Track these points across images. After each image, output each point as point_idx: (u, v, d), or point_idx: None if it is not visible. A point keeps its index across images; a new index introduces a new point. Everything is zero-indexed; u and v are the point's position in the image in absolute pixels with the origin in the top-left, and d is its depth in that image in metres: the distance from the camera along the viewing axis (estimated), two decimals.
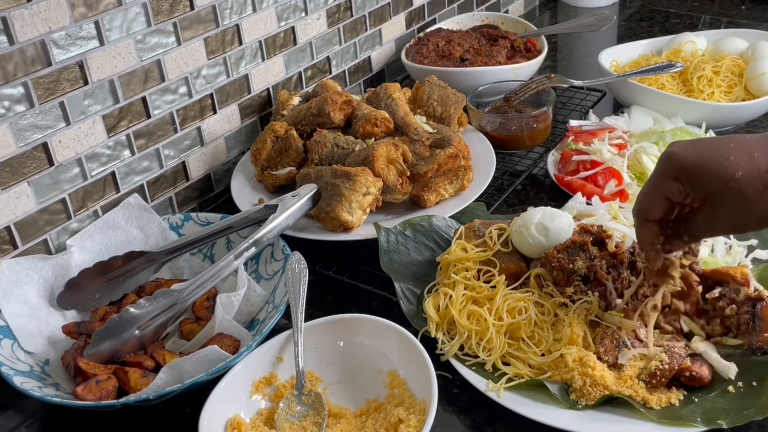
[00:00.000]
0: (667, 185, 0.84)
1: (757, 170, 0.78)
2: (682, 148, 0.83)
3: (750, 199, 0.79)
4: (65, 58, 1.09)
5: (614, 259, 1.01)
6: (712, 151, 0.81)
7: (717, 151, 0.80)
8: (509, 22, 1.80)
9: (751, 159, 0.79)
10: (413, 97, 1.41)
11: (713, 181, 0.80)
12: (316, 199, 1.16)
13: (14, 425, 0.99)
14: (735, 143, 0.81)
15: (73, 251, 1.13)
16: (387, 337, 0.97)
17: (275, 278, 1.11)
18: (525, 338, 0.96)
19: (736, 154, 0.79)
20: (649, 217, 0.87)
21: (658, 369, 0.90)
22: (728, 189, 0.80)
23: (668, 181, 0.83)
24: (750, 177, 0.78)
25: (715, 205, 0.82)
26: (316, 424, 0.92)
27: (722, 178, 0.79)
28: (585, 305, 0.98)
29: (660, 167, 0.84)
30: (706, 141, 0.83)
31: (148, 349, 1.01)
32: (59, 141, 1.12)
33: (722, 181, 0.80)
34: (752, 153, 0.79)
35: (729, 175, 0.79)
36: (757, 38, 1.57)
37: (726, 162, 0.79)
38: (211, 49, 1.30)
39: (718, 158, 0.80)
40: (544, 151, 1.42)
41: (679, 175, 0.82)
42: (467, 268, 1.05)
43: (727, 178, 0.79)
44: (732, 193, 0.80)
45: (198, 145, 1.34)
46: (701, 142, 0.83)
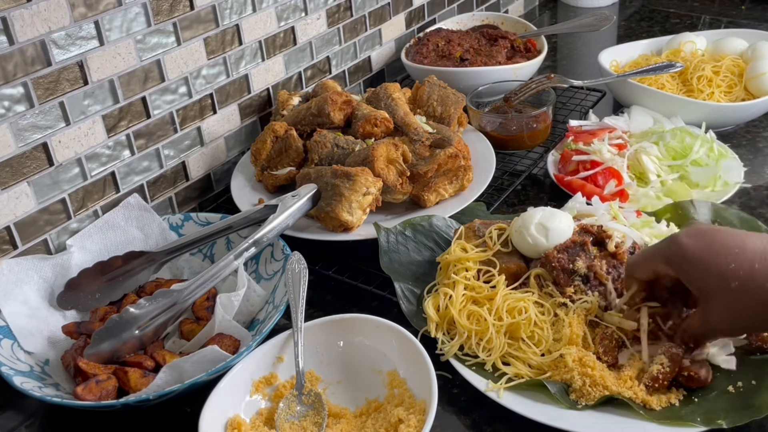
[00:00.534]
0: (659, 264, 0.88)
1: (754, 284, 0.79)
2: (687, 237, 0.85)
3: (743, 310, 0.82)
4: (65, 58, 1.09)
5: (614, 259, 1.01)
6: (714, 249, 0.82)
7: (719, 252, 0.82)
8: (509, 22, 1.80)
9: (751, 271, 0.80)
10: (413, 97, 1.41)
11: (709, 283, 0.83)
12: (316, 199, 1.16)
13: (14, 425, 0.99)
14: (740, 248, 0.81)
15: (73, 251, 1.13)
16: (387, 337, 0.97)
17: (275, 278, 1.11)
18: (525, 338, 0.96)
19: (737, 262, 0.80)
20: (633, 273, 0.93)
21: (659, 372, 0.89)
22: (722, 295, 0.82)
23: (664, 265, 0.87)
24: (745, 289, 0.80)
25: (708, 306, 0.85)
26: (316, 424, 0.92)
27: (718, 283, 0.82)
28: (585, 305, 0.98)
29: (662, 247, 0.88)
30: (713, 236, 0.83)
31: (148, 349, 1.01)
32: (59, 141, 1.12)
33: (717, 286, 0.82)
34: (753, 264, 0.80)
35: (725, 283, 0.81)
36: (757, 38, 1.57)
37: (725, 268, 0.81)
38: (211, 49, 1.30)
39: (719, 261, 0.81)
40: (544, 151, 1.42)
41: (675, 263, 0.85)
42: (467, 268, 1.05)
43: (723, 286, 0.81)
44: (726, 300, 0.82)
45: (198, 145, 1.34)
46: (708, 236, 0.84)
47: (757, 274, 0.79)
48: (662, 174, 1.30)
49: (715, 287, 0.82)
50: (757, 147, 1.42)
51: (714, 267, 0.81)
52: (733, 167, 1.31)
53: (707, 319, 0.86)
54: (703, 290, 0.84)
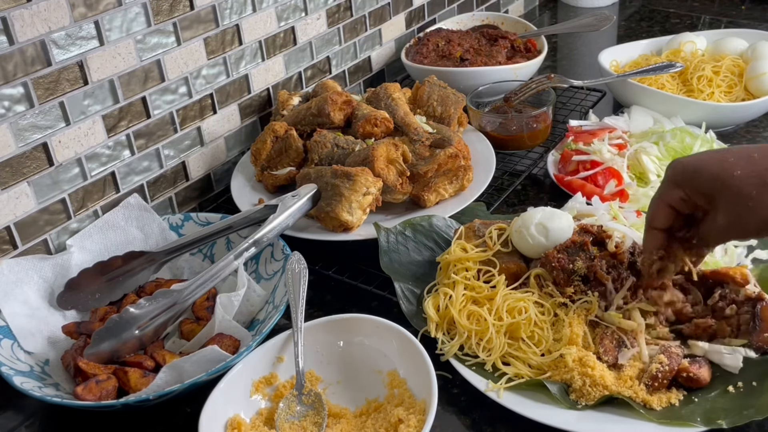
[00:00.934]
0: (669, 192, 0.86)
1: (756, 169, 0.80)
2: (685, 157, 0.86)
3: (749, 197, 0.80)
4: (65, 58, 1.09)
5: (614, 259, 1.01)
6: (712, 156, 0.84)
7: (716, 155, 0.83)
8: (509, 22, 1.80)
9: (750, 159, 0.81)
10: (413, 97, 1.41)
11: (712, 180, 0.82)
12: (316, 199, 1.16)
13: (14, 425, 0.99)
14: (737, 148, 0.83)
15: (73, 251, 1.13)
16: (387, 337, 0.97)
17: (275, 278, 1.11)
18: (525, 338, 0.96)
19: (735, 156, 0.82)
20: (654, 224, 0.90)
21: (659, 371, 0.89)
22: (727, 188, 0.81)
23: (671, 189, 0.86)
24: (748, 175, 0.80)
25: (716, 206, 0.84)
26: (316, 424, 0.92)
27: (720, 177, 0.81)
28: (585, 305, 0.98)
29: (665, 176, 0.88)
30: (708, 150, 0.86)
31: (148, 349, 1.01)
32: (59, 141, 1.12)
33: (720, 179, 0.81)
34: (751, 154, 0.81)
35: (728, 173, 0.81)
36: (757, 38, 1.57)
37: (725, 163, 0.81)
38: (211, 49, 1.30)
39: (718, 160, 0.82)
40: (544, 151, 1.42)
41: (680, 181, 0.85)
42: (467, 268, 1.05)
43: (726, 176, 0.81)
44: (731, 191, 0.81)
45: (198, 145, 1.34)
46: (704, 152, 0.86)
47: (757, 160, 0.80)
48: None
49: (719, 183, 0.82)
50: None
51: (716, 164, 0.82)
52: None
53: (716, 218, 0.84)
54: (709, 191, 0.84)
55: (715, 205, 0.84)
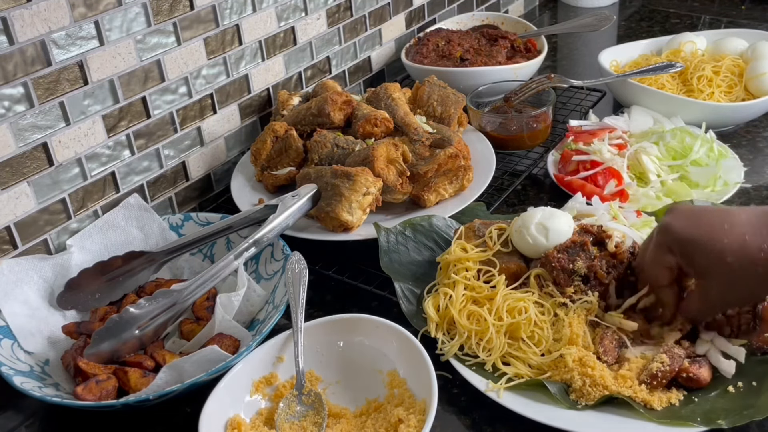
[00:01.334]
0: (664, 258, 0.90)
1: (749, 255, 0.83)
2: (677, 222, 0.88)
3: (739, 283, 0.85)
4: (65, 58, 1.09)
5: (614, 259, 1.01)
6: (704, 228, 0.86)
7: (710, 230, 0.85)
8: (509, 22, 1.80)
9: (743, 244, 0.83)
10: (413, 97, 1.41)
11: (706, 260, 0.86)
12: (316, 199, 1.16)
13: (14, 425, 0.99)
14: (729, 223, 0.85)
15: (73, 251, 1.13)
16: (387, 337, 0.97)
17: (275, 278, 1.11)
18: (525, 338, 0.96)
19: (729, 237, 0.84)
20: (660, 284, 0.94)
21: (659, 370, 0.90)
22: (719, 271, 0.85)
23: (665, 254, 0.90)
24: (741, 261, 0.83)
25: (707, 281, 0.88)
26: (316, 424, 0.92)
27: (713, 261, 0.85)
28: (585, 305, 0.98)
29: (656, 239, 0.91)
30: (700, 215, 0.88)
31: (148, 349, 1.01)
32: (59, 141, 1.12)
33: (713, 263, 0.85)
34: (744, 236, 0.83)
35: (720, 258, 0.84)
36: (757, 38, 1.57)
37: (718, 244, 0.84)
38: (211, 49, 1.30)
39: (711, 238, 0.85)
40: (544, 151, 1.42)
41: (674, 249, 0.88)
42: (467, 268, 1.05)
43: (718, 261, 0.84)
44: (722, 275, 0.85)
45: (198, 145, 1.34)
46: (695, 216, 0.88)
47: (749, 245, 0.83)
48: (662, 174, 1.30)
49: (713, 264, 0.85)
50: (757, 147, 1.42)
51: (710, 245, 0.85)
52: (733, 167, 1.31)
53: (707, 294, 0.89)
54: (702, 268, 0.87)
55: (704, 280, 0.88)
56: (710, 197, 1.24)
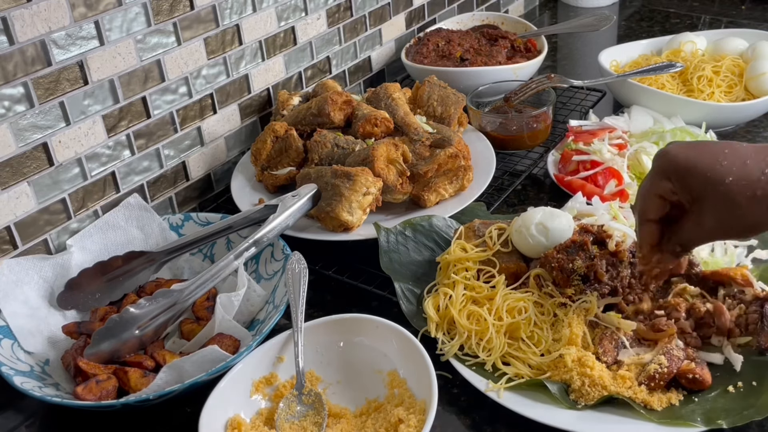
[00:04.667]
0: (659, 184, 0.85)
1: (748, 177, 0.78)
2: (676, 148, 0.83)
3: (738, 206, 0.79)
4: (65, 58, 1.09)
5: (614, 258, 1.01)
6: (705, 153, 0.81)
7: (710, 155, 0.81)
8: (509, 22, 1.80)
9: (744, 166, 0.79)
10: (413, 97, 1.41)
11: (703, 184, 0.81)
12: (316, 199, 1.16)
13: (14, 425, 0.99)
14: (730, 149, 0.81)
15: (73, 251, 1.13)
16: (387, 337, 0.97)
17: (275, 278, 1.11)
18: (525, 338, 0.96)
19: (729, 160, 0.80)
20: (646, 216, 0.88)
21: (656, 372, 0.90)
22: (717, 193, 0.80)
23: (660, 180, 0.84)
24: (740, 184, 0.78)
25: (702, 208, 0.82)
26: (316, 424, 0.92)
27: (712, 182, 0.80)
28: (584, 305, 0.98)
29: (653, 165, 0.86)
30: (702, 144, 0.83)
31: (148, 349, 1.01)
32: (59, 141, 1.12)
33: (711, 184, 0.80)
34: (745, 160, 0.79)
35: (719, 179, 0.79)
36: (757, 38, 1.57)
37: (718, 166, 0.80)
38: (211, 49, 1.30)
39: (711, 161, 0.80)
40: (544, 151, 1.42)
41: (670, 174, 0.83)
42: (467, 268, 1.05)
43: (717, 182, 0.79)
44: (720, 197, 0.80)
45: (198, 145, 1.34)
46: (696, 145, 0.83)
47: (750, 168, 0.79)
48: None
49: (709, 187, 0.81)
50: None
51: (708, 167, 0.80)
52: None
53: (701, 221, 0.83)
54: (698, 193, 0.82)
55: (700, 205, 0.82)
56: None
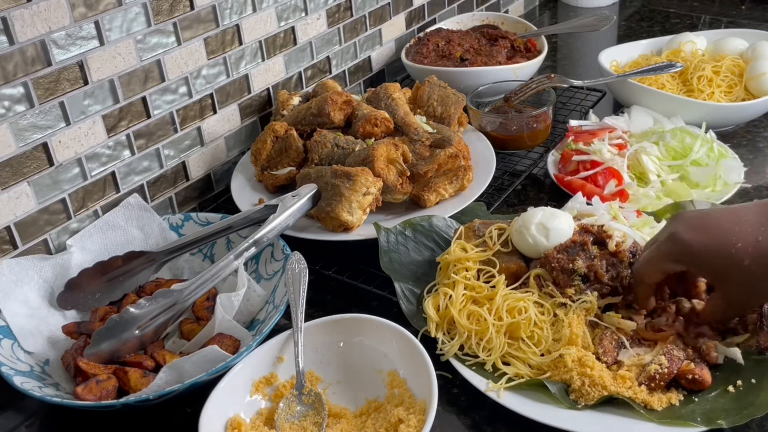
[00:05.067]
0: (668, 266, 0.90)
1: (762, 255, 0.83)
2: (687, 233, 0.87)
3: (759, 279, 0.85)
4: (65, 58, 1.09)
5: (614, 258, 1.01)
6: (717, 238, 0.85)
7: (722, 239, 0.85)
8: (509, 22, 1.80)
9: (756, 246, 0.83)
10: (413, 97, 1.41)
11: (721, 269, 0.86)
12: (316, 199, 1.16)
13: (14, 425, 0.99)
14: (740, 226, 0.84)
15: (73, 251, 1.13)
16: (387, 337, 0.97)
17: (275, 278, 1.11)
18: (525, 338, 0.96)
19: (742, 241, 0.84)
20: (645, 281, 0.94)
21: (657, 372, 0.89)
22: (737, 277, 0.85)
23: (671, 263, 0.90)
24: (757, 263, 0.83)
25: (728, 287, 0.88)
26: (316, 424, 0.92)
27: (730, 266, 0.85)
28: (584, 305, 0.98)
29: (664, 248, 0.90)
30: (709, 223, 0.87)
31: (148, 349, 1.01)
32: (59, 141, 1.12)
33: (731, 268, 0.85)
34: (757, 238, 0.83)
35: (736, 263, 0.84)
36: (757, 38, 1.57)
37: (733, 250, 0.84)
38: (211, 49, 1.30)
39: (725, 245, 0.84)
40: (544, 151, 1.42)
41: (684, 260, 0.88)
42: (467, 268, 1.05)
43: (735, 266, 0.84)
44: (742, 277, 0.85)
45: (198, 145, 1.34)
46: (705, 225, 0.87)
47: (763, 245, 0.83)
48: (662, 174, 1.30)
49: (730, 270, 0.85)
50: (757, 147, 1.42)
51: (723, 252, 0.85)
52: (733, 167, 1.31)
53: (730, 298, 0.89)
54: (718, 275, 0.87)
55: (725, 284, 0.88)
56: (710, 197, 1.24)
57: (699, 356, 0.93)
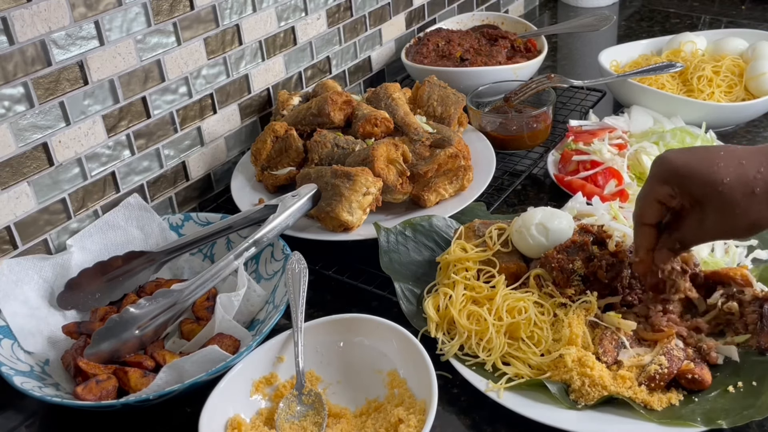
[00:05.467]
0: (658, 189, 0.87)
1: (745, 176, 0.81)
2: (673, 154, 0.87)
3: (737, 205, 0.82)
4: (65, 58, 1.09)
5: (614, 258, 1.01)
6: (701, 157, 0.84)
7: (706, 158, 0.84)
8: (509, 22, 1.80)
9: (740, 166, 0.82)
10: (413, 97, 1.41)
11: (702, 186, 0.84)
12: (316, 199, 1.16)
13: (14, 425, 0.99)
14: (725, 151, 0.84)
15: (73, 251, 1.13)
16: (387, 337, 0.97)
17: (275, 278, 1.11)
18: (525, 338, 0.96)
19: (725, 161, 0.83)
20: (644, 220, 0.91)
21: (657, 373, 0.89)
22: (716, 193, 0.83)
23: (659, 185, 0.87)
24: (738, 183, 0.82)
25: (703, 210, 0.85)
26: (316, 424, 0.92)
27: (710, 183, 0.83)
28: (584, 305, 0.98)
29: (652, 172, 0.89)
30: (697, 148, 0.87)
31: (148, 349, 1.01)
32: (59, 141, 1.12)
33: (710, 185, 0.83)
34: (741, 161, 0.82)
35: (717, 180, 0.82)
36: (757, 38, 1.57)
37: (715, 167, 0.83)
38: (211, 49, 1.30)
39: (707, 164, 0.83)
40: (544, 151, 1.42)
41: (669, 179, 0.86)
42: (467, 268, 1.05)
43: (716, 183, 0.82)
44: (720, 198, 0.83)
45: (198, 145, 1.34)
46: (693, 150, 0.87)
47: (745, 168, 0.82)
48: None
49: (709, 189, 0.83)
50: None
51: (705, 169, 0.83)
52: None
53: (703, 220, 0.86)
54: (698, 196, 0.85)
55: (701, 208, 0.85)
56: None
57: (699, 356, 0.93)
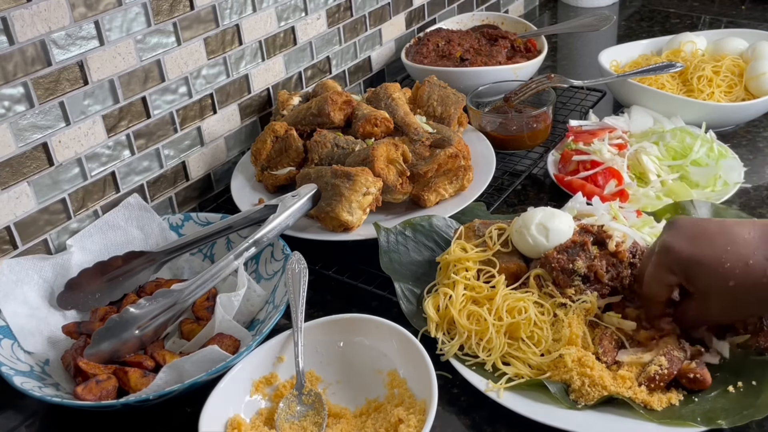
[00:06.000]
0: (665, 277, 0.90)
1: (751, 281, 0.83)
2: (679, 243, 0.88)
3: (741, 304, 0.86)
4: (65, 58, 1.09)
5: (614, 258, 1.01)
6: (708, 252, 0.85)
7: (713, 254, 0.85)
8: (509, 22, 1.80)
9: (746, 267, 0.83)
10: (413, 97, 1.41)
11: (707, 283, 0.86)
12: (316, 199, 1.16)
13: (14, 425, 0.99)
14: (732, 246, 0.84)
15: (73, 251, 1.13)
16: (387, 337, 0.97)
17: (275, 278, 1.11)
18: (525, 338, 0.96)
19: (732, 261, 0.84)
20: (656, 300, 0.94)
21: (657, 373, 0.89)
22: (720, 292, 0.86)
23: (666, 274, 0.90)
24: (742, 287, 0.84)
25: (708, 300, 0.88)
26: (316, 424, 0.92)
27: (716, 282, 0.85)
28: (584, 305, 0.98)
29: (658, 259, 0.90)
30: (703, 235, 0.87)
31: (148, 349, 1.01)
32: (59, 141, 1.12)
33: (716, 284, 0.85)
34: (748, 261, 0.83)
35: (723, 281, 0.84)
36: (757, 38, 1.57)
37: (721, 269, 0.84)
38: (211, 49, 1.30)
39: (714, 262, 0.85)
40: (544, 151, 1.42)
41: (675, 270, 0.89)
42: (467, 268, 1.05)
43: (721, 283, 0.85)
44: (724, 296, 0.86)
45: (198, 145, 1.34)
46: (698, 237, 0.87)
47: (753, 269, 0.83)
48: (662, 174, 1.30)
49: (714, 287, 0.86)
50: (757, 147, 1.42)
51: (713, 268, 0.85)
52: (733, 167, 1.31)
53: (707, 310, 0.89)
54: (704, 288, 0.87)
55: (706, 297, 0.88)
56: (710, 197, 1.24)
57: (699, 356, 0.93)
